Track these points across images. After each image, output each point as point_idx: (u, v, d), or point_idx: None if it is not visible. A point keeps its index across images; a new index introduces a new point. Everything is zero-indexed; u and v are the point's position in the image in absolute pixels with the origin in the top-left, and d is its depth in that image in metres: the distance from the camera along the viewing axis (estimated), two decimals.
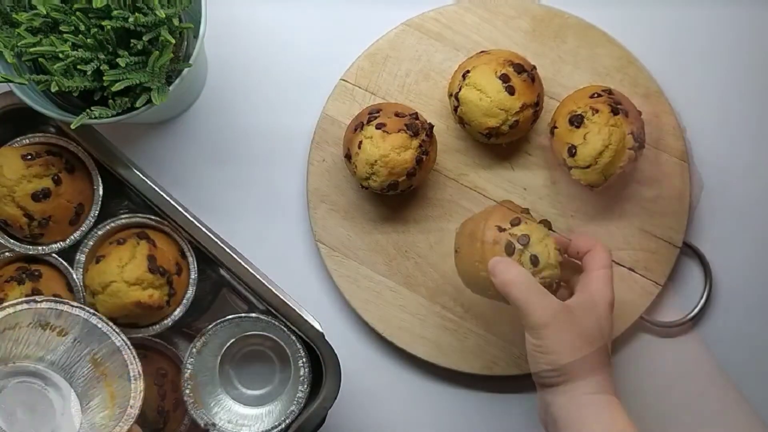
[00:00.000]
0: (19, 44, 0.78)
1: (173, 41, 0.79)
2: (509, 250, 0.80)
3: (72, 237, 0.89)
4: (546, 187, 0.95)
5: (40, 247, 0.89)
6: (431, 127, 0.90)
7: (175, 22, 0.79)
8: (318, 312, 0.90)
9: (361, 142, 0.88)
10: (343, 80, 0.96)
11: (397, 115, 0.89)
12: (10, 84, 0.81)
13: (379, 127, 0.88)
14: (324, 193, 0.95)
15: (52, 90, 0.79)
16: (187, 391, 0.88)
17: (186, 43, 0.88)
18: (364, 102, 0.95)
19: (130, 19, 0.78)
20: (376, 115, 0.89)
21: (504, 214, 0.83)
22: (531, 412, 0.97)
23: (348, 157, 0.90)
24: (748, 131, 0.98)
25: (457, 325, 0.94)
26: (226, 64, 0.97)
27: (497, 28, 0.96)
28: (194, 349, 0.88)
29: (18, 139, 0.89)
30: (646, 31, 0.98)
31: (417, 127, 0.88)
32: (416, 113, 0.90)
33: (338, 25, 0.98)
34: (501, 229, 0.82)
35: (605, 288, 0.80)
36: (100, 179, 0.89)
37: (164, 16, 0.78)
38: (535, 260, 0.80)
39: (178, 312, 0.89)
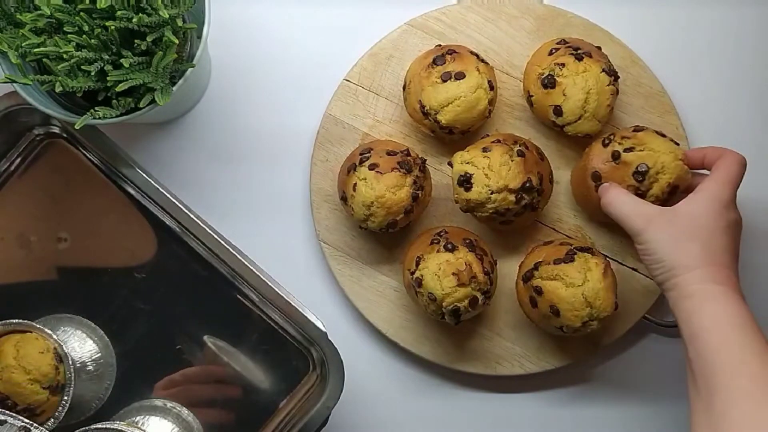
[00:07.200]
0: (23, 45, 0.78)
1: (177, 42, 0.79)
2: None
3: None
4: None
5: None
6: (424, 161, 0.91)
7: (179, 22, 0.80)
8: (321, 312, 0.90)
9: (355, 185, 0.88)
10: (346, 80, 0.96)
11: (388, 153, 0.89)
12: (15, 84, 0.81)
13: (372, 167, 0.87)
14: (327, 193, 0.95)
15: (57, 90, 0.80)
16: None
17: (189, 43, 0.88)
18: (366, 102, 0.95)
19: (134, 20, 0.78)
20: (368, 155, 0.89)
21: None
22: (534, 412, 0.97)
23: (344, 199, 0.90)
24: (751, 131, 0.98)
25: (461, 325, 0.94)
26: (229, 65, 0.98)
27: (500, 27, 0.96)
28: None
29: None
30: (649, 30, 0.98)
31: (410, 164, 0.88)
32: (407, 149, 0.90)
33: (341, 26, 0.98)
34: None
35: (718, 187, 0.81)
36: None
37: (168, 16, 0.78)
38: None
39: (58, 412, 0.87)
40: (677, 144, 0.87)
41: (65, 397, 0.86)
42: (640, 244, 0.82)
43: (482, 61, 0.90)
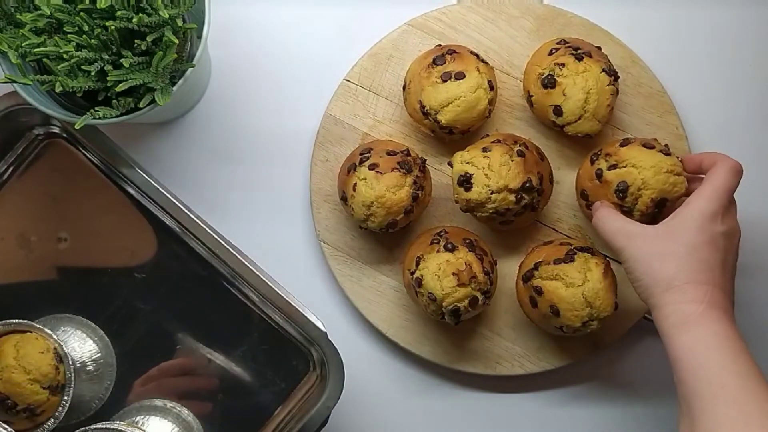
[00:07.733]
0: (23, 45, 0.79)
1: (177, 42, 0.79)
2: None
3: None
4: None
5: None
6: (423, 161, 0.91)
7: (179, 22, 0.80)
8: (321, 312, 0.90)
9: (355, 185, 0.88)
10: (347, 80, 0.96)
11: (388, 153, 0.89)
12: (15, 84, 0.81)
13: (372, 167, 0.87)
14: (327, 193, 0.95)
15: (57, 90, 0.80)
16: None
17: (189, 43, 0.88)
18: (366, 102, 0.95)
19: (134, 20, 0.78)
20: (368, 155, 0.89)
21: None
22: (534, 412, 0.97)
23: (344, 199, 0.90)
24: (751, 131, 0.98)
25: (461, 325, 0.94)
26: (229, 65, 0.98)
27: (500, 27, 0.96)
28: None
29: None
30: (649, 30, 0.98)
31: (410, 164, 0.88)
32: (407, 149, 0.90)
33: (341, 26, 0.98)
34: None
35: (701, 200, 0.79)
36: None
37: (168, 16, 0.78)
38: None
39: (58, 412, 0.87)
40: (668, 155, 0.85)
41: (65, 397, 0.86)
42: (622, 262, 0.81)
43: (482, 61, 0.91)
